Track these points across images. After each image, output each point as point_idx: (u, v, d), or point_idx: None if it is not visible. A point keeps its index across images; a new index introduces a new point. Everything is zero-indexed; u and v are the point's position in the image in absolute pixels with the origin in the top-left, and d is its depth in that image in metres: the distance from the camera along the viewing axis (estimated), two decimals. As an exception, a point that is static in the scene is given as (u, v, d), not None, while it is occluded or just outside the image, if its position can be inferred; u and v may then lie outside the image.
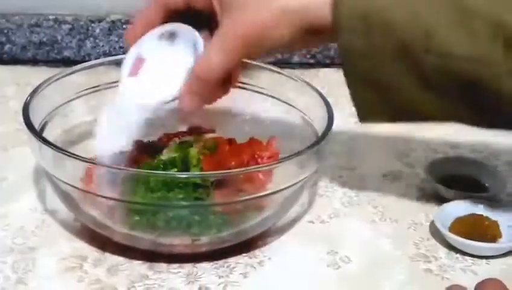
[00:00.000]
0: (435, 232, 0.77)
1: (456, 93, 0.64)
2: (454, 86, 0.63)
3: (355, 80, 0.66)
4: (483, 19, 0.61)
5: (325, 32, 0.65)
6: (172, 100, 0.71)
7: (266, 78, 0.88)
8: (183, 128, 0.86)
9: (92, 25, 1.14)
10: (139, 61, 0.73)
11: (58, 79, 0.82)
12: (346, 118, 1.00)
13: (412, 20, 0.61)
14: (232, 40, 0.66)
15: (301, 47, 0.88)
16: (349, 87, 0.67)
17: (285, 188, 0.72)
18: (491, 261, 0.74)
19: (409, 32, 0.62)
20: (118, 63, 0.88)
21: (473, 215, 0.77)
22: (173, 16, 0.73)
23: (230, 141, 0.81)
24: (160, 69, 0.72)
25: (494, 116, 0.65)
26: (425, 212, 0.81)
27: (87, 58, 1.14)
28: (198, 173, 0.74)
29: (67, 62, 1.13)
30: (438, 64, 0.62)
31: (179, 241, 0.72)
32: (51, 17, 1.14)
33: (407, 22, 0.61)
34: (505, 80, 0.61)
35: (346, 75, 0.66)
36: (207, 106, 0.94)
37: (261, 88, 0.88)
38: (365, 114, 0.68)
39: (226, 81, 0.71)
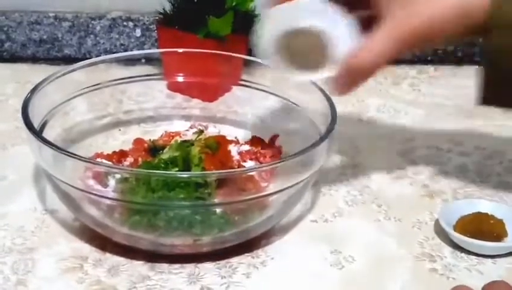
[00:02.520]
0: (439, 231, 0.77)
1: None
2: None
3: (495, 72, 0.71)
4: None
5: (477, 27, 0.69)
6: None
7: (268, 75, 0.87)
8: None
9: (93, 22, 1.14)
10: None
11: (58, 77, 0.81)
12: (349, 116, 1.00)
13: None
14: (407, 30, 0.68)
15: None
16: (485, 74, 0.71)
17: (287, 187, 0.71)
18: (497, 260, 0.73)
19: None
20: (119, 61, 0.88)
21: (478, 214, 0.76)
22: None
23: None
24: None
25: None
26: (430, 211, 0.80)
27: (87, 56, 1.14)
28: (199, 172, 0.73)
29: (68, 60, 1.12)
30: None
31: (180, 242, 0.71)
32: (51, 14, 1.13)
33: None
34: None
35: (486, 69, 0.71)
36: (209, 104, 0.95)
37: (264, 86, 0.88)
38: (488, 101, 0.73)
39: None
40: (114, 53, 0.99)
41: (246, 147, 0.81)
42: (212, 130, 0.85)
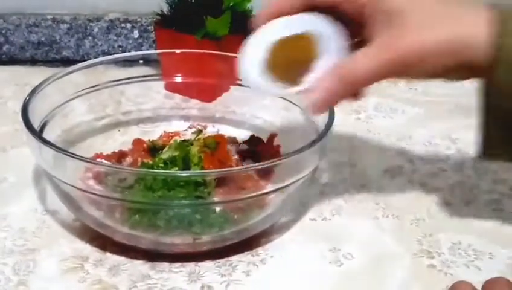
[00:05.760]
0: (437, 227, 0.77)
1: None
2: None
3: (495, 117, 0.66)
4: None
5: (475, 66, 0.63)
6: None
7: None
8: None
9: (91, 24, 1.14)
10: None
11: (57, 79, 0.82)
12: (346, 114, 1.01)
13: None
14: (393, 53, 0.63)
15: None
16: (484, 122, 0.67)
17: (286, 186, 0.72)
18: (495, 255, 0.74)
19: None
20: (117, 62, 0.89)
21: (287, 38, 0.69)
22: (312, 10, 0.69)
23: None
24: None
25: None
26: (427, 208, 0.81)
27: (86, 58, 1.14)
28: (199, 171, 0.74)
29: (66, 62, 1.13)
30: None
31: (180, 241, 0.72)
32: (49, 16, 1.14)
33: None
34: None
35: (487, 110, 0.66)
36: (207, 104, 0.95)
37: (261, 85, 0.88)
38: (489, 152, 0.69)
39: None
40: (112, 54, 0.99)
41: (245, 147, 0.82)
42: (211, 130, 0.86)
